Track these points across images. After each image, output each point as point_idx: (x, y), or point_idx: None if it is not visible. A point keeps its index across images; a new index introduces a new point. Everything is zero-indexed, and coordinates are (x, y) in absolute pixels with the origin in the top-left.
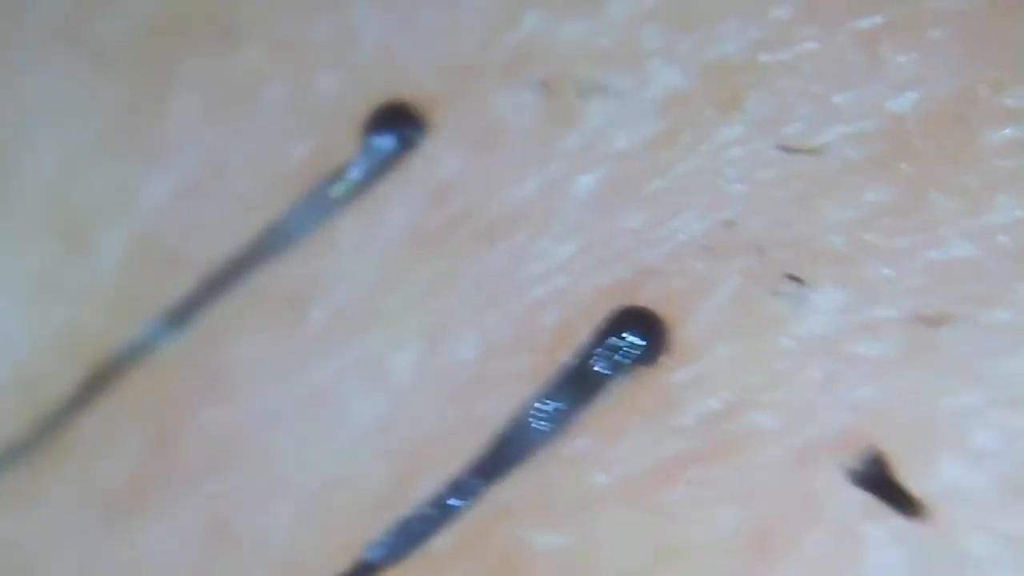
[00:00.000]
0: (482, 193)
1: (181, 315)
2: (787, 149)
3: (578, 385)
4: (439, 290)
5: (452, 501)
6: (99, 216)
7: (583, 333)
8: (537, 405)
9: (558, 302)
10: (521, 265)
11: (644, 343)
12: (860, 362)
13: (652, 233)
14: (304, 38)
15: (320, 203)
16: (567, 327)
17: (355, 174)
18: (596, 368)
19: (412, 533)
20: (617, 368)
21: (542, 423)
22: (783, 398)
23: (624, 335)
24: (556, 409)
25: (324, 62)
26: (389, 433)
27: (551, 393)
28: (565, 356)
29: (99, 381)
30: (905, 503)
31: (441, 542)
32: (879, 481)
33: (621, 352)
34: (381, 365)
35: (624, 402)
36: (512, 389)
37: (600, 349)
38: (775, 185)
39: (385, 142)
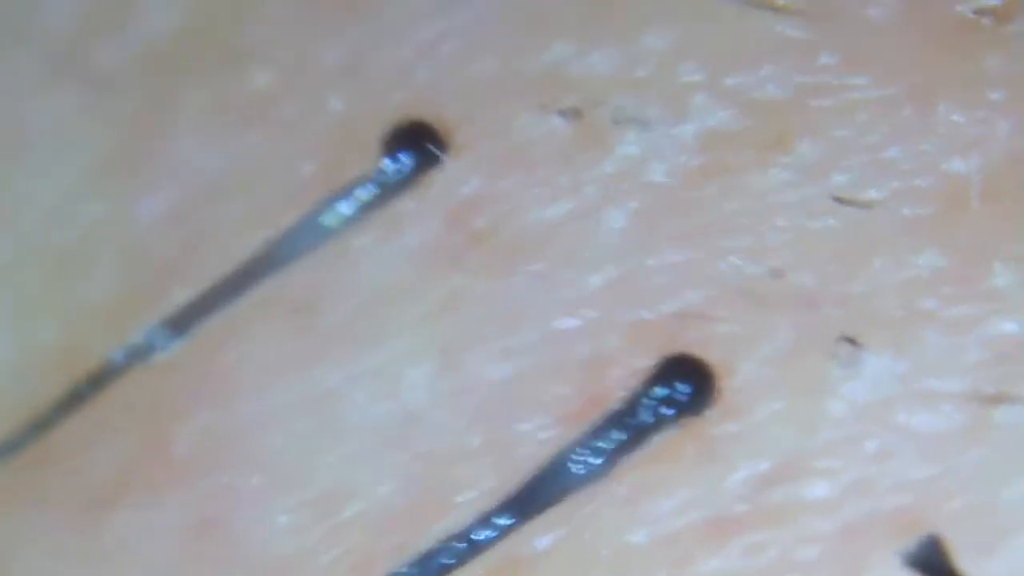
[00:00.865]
0: (506, 214)
1: (180, 324)
2: (838, 200)
3: (621, 430)
4: (458, 307)
5: (477, 536)
6: (95, 238)
7: (615, 369)
8: (578, 448)
9: (588, 334)
10: (548, 291)
11: (692, 392)
12: (916, 436)
13: (692, 273)
14: (315, 60)
15: (330, 219)
16: (598, 361)
17: (369, 191)
18: (642, 414)
19: (433, 568)
20: (663, 416)
21: (581, 466)
22: (834, 467)
23: (672, 382)
24: (597, 453)
25: (336, 83)
26: (400, 448)
27: (593, 436)
28: (595, 390)
29: (92, 384)
30: None
31: None
32: (934, 567)
33: (668, 399)
34: (394, 378)
35: (668, 454)
36: (535, 418)
37: (647, 395)
38: (825, 237)
39: (402, 160)
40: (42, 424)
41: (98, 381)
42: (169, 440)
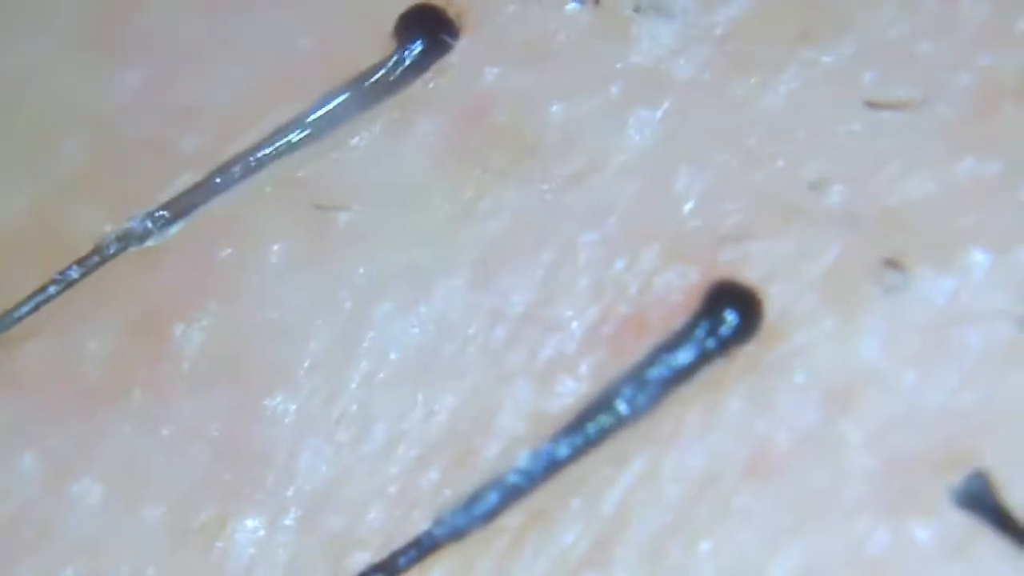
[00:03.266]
0: (525, 110)
1: (174, 207)
2: (870, 105)
3: (666, 365)
4: (486, 211)
5: (519, 478)
6: (68, 110)
7: (653, 288)
8: (620, 383)
9: (623, 248)
10: (577, 198)
11: (739, 322)
12: (960, 360)
13: (728, 183)
14: None
15: (337, 106)
16: (634, 279)
17: (378, 78)
18: (687, 347)
19: (478, 510)
20: (709, 349)
21: (624, 403)
22: (878, 397)
23: (719, 312)
24: (640, 389)
25: None
26: (433, 365)
27: (636, 371)
28: (633, 311)
29: (77, 265)
30: (1012, 528)
31: (507, 519)
32: (983, 503)
33: (715, 330)
34: (424, 285)
35: (710, 387)
36: (572, 341)
37: (693, 327)
38: (859, 144)
39: (412, 48)
40: (19, 304)
41: (82, 262)
42: (170, 337)
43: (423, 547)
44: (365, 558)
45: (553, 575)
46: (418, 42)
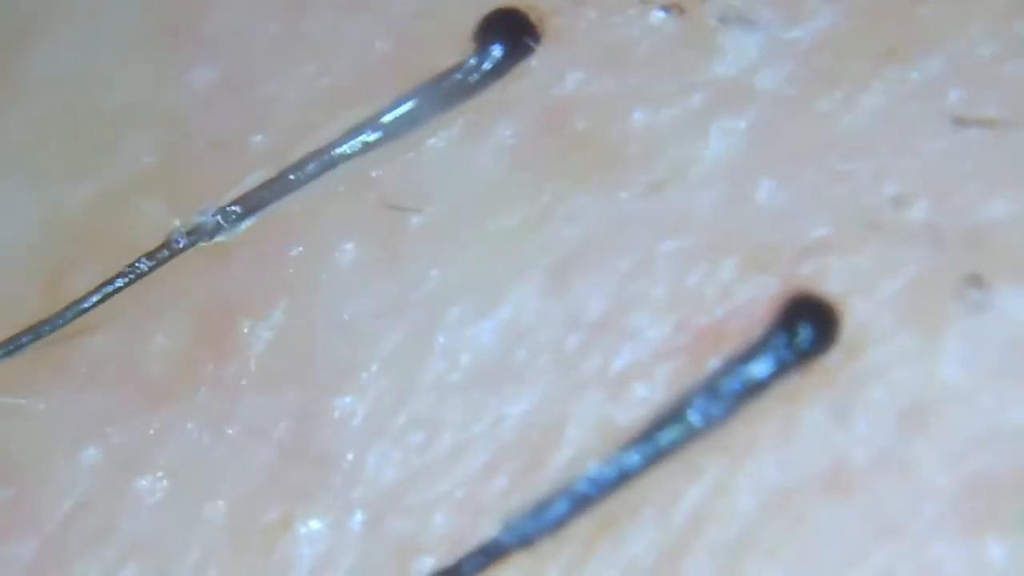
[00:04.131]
0: (607, 117)
1: (245, 204)
2: (957, 121)
3: (740, 377)
4: (562, 217)
5: (588, 487)
6: (136, 105)
7: (730, 300)
8: (694, 395)
9: (700, 259)
10: (656, 208)
11: (816, 335)
12: None
13: (810, 197)
14: None
15: (414, 108)
16: (712, 290)
17: (458, 81)
18: (762, 360)
19: (547, 518)
20: (785, 362)
21: (697, 414)
22: (957, 415)
23: (795, 325)
24: (715, 401)
25: None
26: (504, 372)
27: (711, 382)
28: (709, 322)
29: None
30: None
31: (576, 528)
32: None
33: (791, 344)
34: (496, 291)
35: (786, 400)
36: (647, 351)
37: (769, 339)
38: (944, 161)
39: (493, 51)
40: (86, 296)
41: (150, 256)
42: (238, 334)
43: (490, 554)
44: (430, 563)
45: None
46: (498, 45)
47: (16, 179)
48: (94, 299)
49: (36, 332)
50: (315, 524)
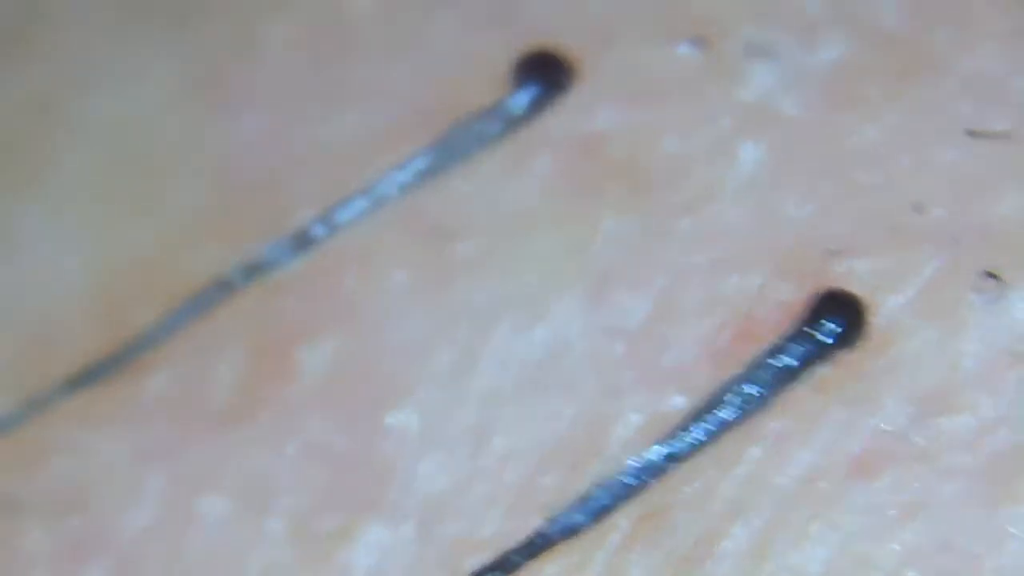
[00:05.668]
0: (640, 146)
1: (299, 240)
2: (971, 134)
3: (773, 370)
4: (601, 240)
5: (631, 479)
6: (188, 149)
7: (764, 304)
8: (729, 388)
9: (733, 268)
10: (690, 224)
11: (843, 328)
12: None
13: (833, 206)
14: None
15: (455, 146)
16: (745, 296)
17: (496, 120)
18: (793, 353)
19: (589, 508)
20: (814, 354)
21: (732, 407)
22: (977, 401)
23: (823, 319)
24: (748, 393)
25: (459, 9)
26: (550, 382)
27: (744, 376)
28: (744, 325)
29: (205, 298)
30: None
31: (617, 520)
32: None
33: (819, 337)
34: (540, 307)
35: (815, 392)
36: (685, 355)
37: (798, 333)
38: (960, 170)
39: (529, 90)
40: (147, 335)
41: (211, 295)
42: (295, 360)
43: (536, 545)
44: (481, 561)
45: (663, 568)
46: (534, 86)
47: (76, 219)
48: (158, 334)
49: (102, 366)
50: (373, 531)
